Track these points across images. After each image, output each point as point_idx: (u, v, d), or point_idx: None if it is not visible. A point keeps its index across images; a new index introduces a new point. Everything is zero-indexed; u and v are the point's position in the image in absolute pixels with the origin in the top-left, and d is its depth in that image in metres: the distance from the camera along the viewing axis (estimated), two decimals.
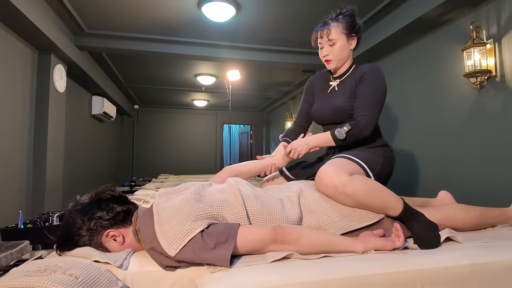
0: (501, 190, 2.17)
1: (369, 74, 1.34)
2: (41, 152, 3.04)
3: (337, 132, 1.28)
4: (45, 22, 2.69)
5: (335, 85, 1.45)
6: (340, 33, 1.37)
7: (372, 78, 1.33)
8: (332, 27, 1.37)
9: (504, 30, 2.15)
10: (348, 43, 1.39)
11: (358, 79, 1.36)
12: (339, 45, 1.37)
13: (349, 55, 1.43)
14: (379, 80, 1.34)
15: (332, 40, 1.37)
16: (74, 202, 1.01)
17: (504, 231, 1.21)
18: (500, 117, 2.18)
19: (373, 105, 1.30)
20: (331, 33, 1.36)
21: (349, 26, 1.37)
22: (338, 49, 1.38)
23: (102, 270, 0.78)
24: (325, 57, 1.41)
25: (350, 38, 1.39)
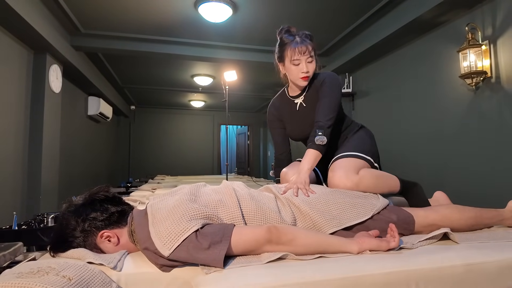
0: (496, 191, 2.18)
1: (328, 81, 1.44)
2: (37, 153, 3.02)
3: (318, 141, 1.34)
4: (40, 22, 2.68)
5: (300, 101, 1.51)
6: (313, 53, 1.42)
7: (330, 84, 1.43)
8: (309, 45, 1.39)
9: (499, 32, 2.17)
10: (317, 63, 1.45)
11: (318, 88, 1.45)
12: (314, 64, 1.42)
13: None
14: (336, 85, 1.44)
15: (311, 57, 1.40)
16: (68, 203, 1.00)
17: (499, 231, 1.22)
18: (496, 117, 2.20)
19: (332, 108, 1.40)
20: (311, 50, 1.39)
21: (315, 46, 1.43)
22: (312, 68, 1.42)
23: (96, 272, 0.77)
24: (305, 74, 1.41)
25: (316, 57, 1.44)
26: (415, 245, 1.02)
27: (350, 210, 1.12)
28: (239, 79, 4.79)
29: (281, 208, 1.10)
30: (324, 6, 2.85)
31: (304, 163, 1.34)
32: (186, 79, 5.26)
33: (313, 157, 1.35)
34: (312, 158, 1.35)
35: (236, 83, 5.23)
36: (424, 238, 1.05)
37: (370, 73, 3.69)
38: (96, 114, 4.89)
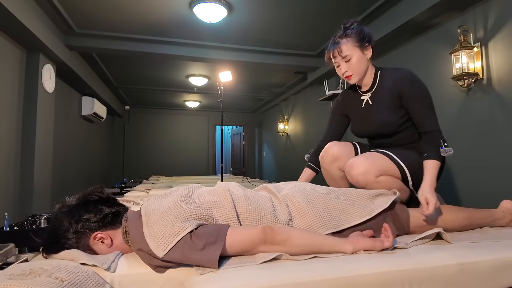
0: (488, 191, 2.21)
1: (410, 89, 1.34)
2: (29, 154, 2.99)
3: (445, 153, 1.27)
4: (33, 21, 2.65)
5: (367, 98, 1.45)
6: (352, 47, 1.36)
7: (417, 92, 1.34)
8: (343, 44, 1.36)
9: (491, 34, 2.20)
10: (364, 54, 1.38)
11: (393, 91, 1.36)
12: (356, 59, 1.36)
13: (367, 66, 1.42)
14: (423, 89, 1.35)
15: (347, 56, 1.36)
16: (61, 204, 0.99)
17: (492, 231, 1.23)
18: (487, 119, 2.23)
19: (433, 115, 1.35)
20: (343, 50, 1.36)
21: (360, 38, 1.36)
22: (355, 63, 1.37)
23: (89, 273, 0.77)
24: (344, 74, 1.40)
25: (364, 49, 1.38)
26: (408, 244, 1.03)
27: (346, 214, 1.12)
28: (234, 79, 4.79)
29: (277, 207, 1.10)
30: (318, 7, 2.86)
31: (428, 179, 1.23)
32: (181, 80, 5.24)
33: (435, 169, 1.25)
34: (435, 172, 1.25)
35: (231, 84, 5.23)
36: (418, 238, 1.06)
37: None
38: (90, 114, 4.85)
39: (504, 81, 2.12)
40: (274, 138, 6.94)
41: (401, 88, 1.35)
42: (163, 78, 5.20)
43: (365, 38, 1.36)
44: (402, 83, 1.35)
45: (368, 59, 1.41)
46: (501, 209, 1.34)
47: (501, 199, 1.40)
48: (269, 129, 7.46)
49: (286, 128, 6.20)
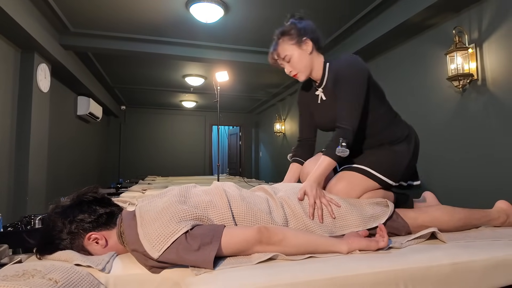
0: (483, 191, 2.23)
1: (341, 77, 1.27)
2: (24, 154, 2.96)
3: (340, 153, 1.19)
4: (28, 20, 2.63)
5: (321, 95, 1.39)
6: (289, 46, 1.31)
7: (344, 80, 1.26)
8: (279, 45, 1.32)
9: (485, 36, 2.22)
10: (303, 50, 1.31)
11: (333, 83, 1.31)
12: (295, 57, 1.31)
13: (312, 60, 1.34)
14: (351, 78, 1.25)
15: (286, 56, 1.32)
16: (55, 204, 0.98)
17: (486, 231, 1.24)
18: (482, 119, 2.25)
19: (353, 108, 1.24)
20: (280, 51, 1.32)
21: (294, 34, 1.30)
22: (296, 62, 1.32)
23: (84, 274, 0.76)
24: (290, 74, 1.36)
25: (302, 44, 1.31)
26: (403, 244, 1.04)
27: (341, 220, 1.12)
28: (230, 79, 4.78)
29: (273, 209, 1.10)
30: (314, 9, 2.87)
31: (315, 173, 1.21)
32: (178, 79, 5.23)
33: (326, 166, 1.22)
34: (324, 168, 1.22)
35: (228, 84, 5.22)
36: (412, 238, 1.07)
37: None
38: (85, 114, 4.82)
39: (498, 82, 2.14)
40: (271, 138, 6.95)
41: (336, 78, 1.28)
42: (159, 78, 5.19)
43: (300, 33, 1.30)
44: (339, 72, 1.28)
45: (311, 53, 1.33)
46: (496, 209, 1.35)
47: (495, 199, 1.41)
48: (265, 129, 7.47)
49: (282, 128, 6.21)
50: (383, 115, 1.33)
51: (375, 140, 1.33)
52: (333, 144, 1.22)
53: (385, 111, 1.34)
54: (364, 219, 1.12)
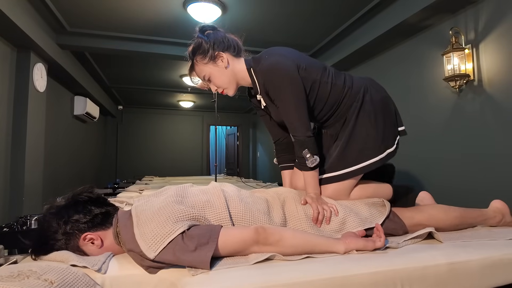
0: (479, 191, 2.24)
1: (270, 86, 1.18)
2: (20, 154, 2.94)
3: (312, 164, 1.15)
4: (24, 19, 2.61)
5: (261, 100, 1.31)
6: (203, 66, 1.22)
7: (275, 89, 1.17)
8: (195, 67, 1.25)
9: (481, 36, 2.23)
10: (218, 66, 1.22)
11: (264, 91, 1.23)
12: (215, 76, 1.23)
13: (232, 72, 1.25)
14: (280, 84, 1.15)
15: (205, 76, 1.24)
16: (49, 205, 0.98)
17: (483, 230, 1.25)
18: (478, 119, 2.26)
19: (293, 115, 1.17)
20: (197, 73, 1.26)
21: (204, 53, 1.21)
22: (217, 80, 1.24)
23: (80, 275, 0.76)
24: (218, 92, 1.30)
25: (216, 60, 1.22)
26: (400, 244, 1.04)
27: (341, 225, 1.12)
28: None
29: (272, 209, 1.10)
30: (311, 8, 2.87)
31: (308, 188, 1.18)
32: (175, 79, 5.22)
33: (312, 178, 1.18)
34: (312, 181, 1.18)
35: None
36: (409, 238, 1.07)
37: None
38: (82, 114, 4.80)
39: (494, 82, 2.15)
40: (269, 138, 6.95)
41: (265, 87, 1.20)
42: (156, 78, 5.17)
43: (208, 51, 1.20)
44: (264, 80, 1.19)
45: (228, 66, 1.23)
46: (491, 209, 1.35)
47: (491, 199, 1.41)
48: (263, 129, 7.47)
49: None
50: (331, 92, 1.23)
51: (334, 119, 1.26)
52: (300, 159, 1.18)
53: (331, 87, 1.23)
54: (361, 220, 1.12)
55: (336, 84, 1.24)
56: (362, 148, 1.22)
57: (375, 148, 1.23)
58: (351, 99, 1.25)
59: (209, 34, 1.24)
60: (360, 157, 1.22)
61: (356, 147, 1.22)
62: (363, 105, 1.24)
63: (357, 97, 1.24)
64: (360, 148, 1.22)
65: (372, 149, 1.23)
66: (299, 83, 1.17)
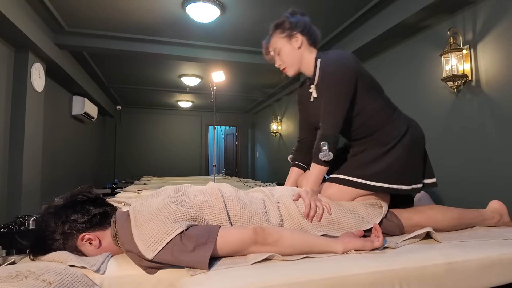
0: (477, 191, 2.25)
1: (326, 76, 1.24)
2: (17, 154, 2.93)
3: (324, 158, 1.18)
4: (22, 19, 2.60)
5: (313, 91, 1.36)
6: (279, 39, 1.31)
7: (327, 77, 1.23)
8: (272, 38, 1.34)
9: (479, 37, 2.24)
10: (292, 45, 1.31)
11: (321, 78, 1.28)
12: (284, 51, 1.32)
13: (301, 55, 1.32)
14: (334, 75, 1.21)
15: (276, 49, 1.33)
16: (47, 205, 0.97)
17: (480, 231, 1.25)
18: (476, 119, 2.26)
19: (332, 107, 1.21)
20: (271, 43, 1.34)
21: (284, 29, 1.31)
22: (285, 56, 1.32)
23: (78, 275, 0.75)
24: (280, 67, 1.37)
25: (291, 38, 1.30)
26: (398, 244, 1.04)
27: (337, 224, 1.12)
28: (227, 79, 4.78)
29: (269, 209, 1.10)
30: (310, 9, 2.87)
31: (308, 182, 1.20)
32: (174, 79, 5.21)
33: (317, 173, 1.21)
34: (316, 176, 1.21)
35: (224, 84, 5.22)
36: (408, 238, 1.08)
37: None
38: (80, 114, 4.79)
39: (492, 83, 2.16)
40: (267, 138, 6.95)
41: (323, 75, 1.26)
42: (155, 78, 5.17)
43: (289, 28, 1.30)
44: (325, 69, 1.26)
45: (300, 48, 1.31)
46: (490, 209, 1.36)
47: (489, 199, 1.42)
48: (262, 129, 7.47)
49: (279, 128, 6.22)
50: (379, 112, 1.27)
51: (370, 140, 1.28)
52: (316, 150, 1.21)
53: (381, 108, 1.27)
54: (358, 221, 1.12)
55: (385, 109, 1.29)
56: (386, 170, 1.22)
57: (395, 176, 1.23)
58: (394, 128, 1.27)
59: (295, 16, 1.34)
60: (380, 176, 1.21)
61: (380, 166, 1.22)
62: (404, 137, 1.26)
63: (400, 129, 1.27)
64: (383, 168, 1.22)
65: (394, 175, 1.22)
66: (352, 84, 1.21)
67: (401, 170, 1.23)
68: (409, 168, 1.25)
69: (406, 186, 1.23)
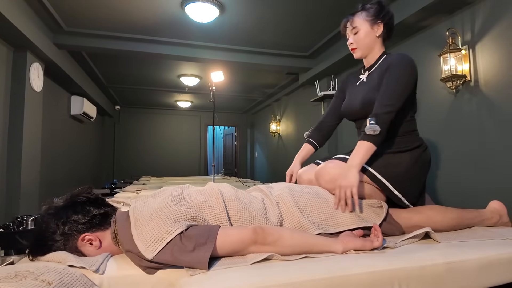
0: (476, 191, 2.25)
1: (394, 64, 1.28)
2: (16, 154, 2.93)
3: (370, 131, 1.16)
4: (20, 19, 2.60)
5: (364, 77, 1.42)
6: (363, 20, 1.35)
7: (396, 68, 1.26)
8: (356, 16, 1.37)
9: (478, 37, 2.24)
10: (373, 30, 1.35)
11: (384, 69, 1.31)
12: (362, 33, 1.35)
13: (375, 43, 1.38)
14: (404, 69, 1.26)
15: (355, 28, 1.36)
16: (48, 205, 0.97)
17: (479, 230, 1.26)
18: (475, 120, 2.27)
19: (393, 94, 1.22)
20: (354, 21, 1.37)
21: (374, 12, 1.34)
22: (361, 37, 1.36)
23: (77, 275, 0.75)
24: (350, 46, 1.40)
25: (374, 24, 1.35)
26: (398, 244, 1.04)
27: (335, 219, 1.12)
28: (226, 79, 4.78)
29: (269, 208, 1.10)
30: (310, 8, 2.87)
31: (353, 157, 1.17)
32: (173, 79, 5.21)
33: (364, 149, 1.17)
34: (362, 151, 1.17)
35: (223, 84, 5.22)
36: (407, 237, 1.08)
37: None
38: (79, 114, 4.78)
39: (490, 83, 2.16)
40: (266, 138, 6.95)
41: (388, 65, 1.30)
42: (154, 78, 5.16)
43: (379, 14, 1.34)
44: (392, 62, 1.30)
45: (378, 36, 1.36)
46: (489, 210, 1.36)
47: (488, 199, 1.42)
48: (261, 129, 7.47)
49: (278, 128, 6.22)
50: (408, 122, 1.33)
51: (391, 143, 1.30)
52: (365, 124, 1.23)
53: (410, 119, 1.34)
54: (358, 218, 1.13)
55: (414, 120, 1.37)
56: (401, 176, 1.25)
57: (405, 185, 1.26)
58: (415, 140, 1.33)
59: (386, 7, 1.38)
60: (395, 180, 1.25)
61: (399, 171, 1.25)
62: (414, 150, 1.30)
63: (414, 143, 1.32)
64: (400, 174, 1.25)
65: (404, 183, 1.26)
66: (413, 81, 1.28)
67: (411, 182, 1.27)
68: (408, 177, 1.28)
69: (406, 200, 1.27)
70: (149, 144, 7.43)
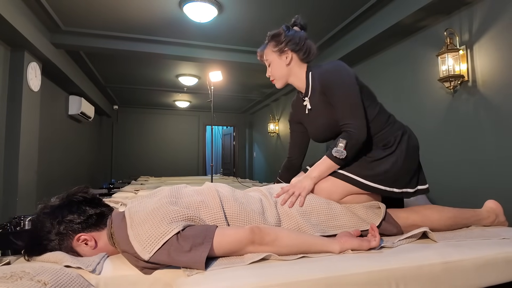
0: (474, 191, 2.26)
1: (329, 82, 1.25)
2: (13, 154, 2.91)
3: (336, 153, 1.18)
4: (18, 18, 2.59)
5: (307, 104, 1.37)
6: (271, 52, 1.34)
7: (334, 85, 1.24)
8: (266, 48, 1.36)
9: (476, 37, 2.25)
10: (282, 61, 1.33)
11: (320, 90, 1.28)
12: (274, 65, 1.36)
13: (290, 71, 1.35)
14: (340, 81, 1.24)
15: (267, 60, 1.37)
16: (43, 204, 0.97)
17: (476, 230, 1.26)
18: (472, 119, 2.28)
19: (352, 109, 1.21)
20: (265, 53, 1.37)
21: (278, 42, 1.32)
22: (273, 69, 1.36)
23: (73, 276, 0.75)
24: (269, 78, 1.41)
25: (282, 54, 1.33)
26: (395, 244, 1.04)
27: (334, 220, 1.12)
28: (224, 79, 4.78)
29: (266, 209, 1.10)
30: (307, 9, 2.88)
31: (314, 170, 1.22)
32: (171, 79, 5.20)
33: (325, 166, 1.21)
34: (323, 167, 1.21)
35: (222, 84, 5.21)
36: (404, 237, 1.08)
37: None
38: (77, 113, 4.77)
39: (488, 83, 2.17)
40: (265, 138, 6.95)
41: (322, 85, 1.27)
42: (152, 78, 5.15)
43: (280, 44, 1.31)
44: (323, 79, 1.27)
45: (289, 65, 1.33)
46: (485, 209, 1.36)
47: (485, 199, 1.43)
48: (259, 129, 7.47)
49: (276, 128, 6.22)
50: (375, 118, 1.29)
51: (368, 144, 1.28)
52: (332, 145, 1.22)
53: (377, 114, 1.30)
54: (358, 219, 1.13)
55: (380, 115, 1.30)
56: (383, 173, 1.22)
57: (390, 179, 1.23)
58: (390, 133, 1.29)
59: (292, 30, 1.35)
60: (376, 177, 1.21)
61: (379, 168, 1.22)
62: (401, 143, 1.27)
63: (396, 134, 1.28)
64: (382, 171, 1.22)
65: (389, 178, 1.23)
66: (356, 86, 1.24)
67: (397, 174, 1.24)
68: (404, 172, 1.26)
69: (397, 189, 1.24)
70: (147, 144, 7.41)
